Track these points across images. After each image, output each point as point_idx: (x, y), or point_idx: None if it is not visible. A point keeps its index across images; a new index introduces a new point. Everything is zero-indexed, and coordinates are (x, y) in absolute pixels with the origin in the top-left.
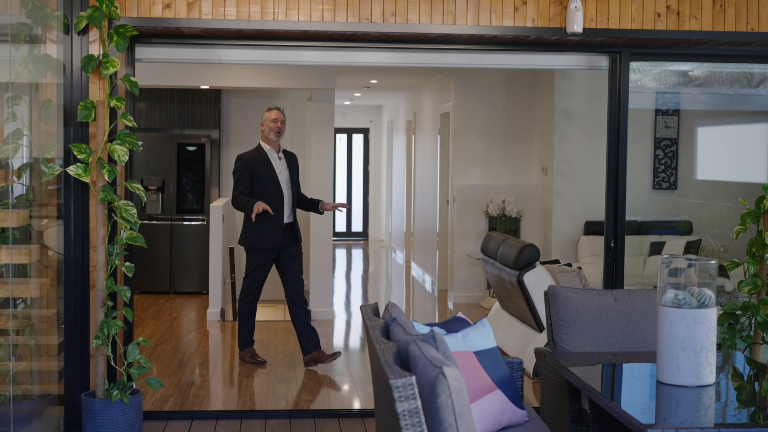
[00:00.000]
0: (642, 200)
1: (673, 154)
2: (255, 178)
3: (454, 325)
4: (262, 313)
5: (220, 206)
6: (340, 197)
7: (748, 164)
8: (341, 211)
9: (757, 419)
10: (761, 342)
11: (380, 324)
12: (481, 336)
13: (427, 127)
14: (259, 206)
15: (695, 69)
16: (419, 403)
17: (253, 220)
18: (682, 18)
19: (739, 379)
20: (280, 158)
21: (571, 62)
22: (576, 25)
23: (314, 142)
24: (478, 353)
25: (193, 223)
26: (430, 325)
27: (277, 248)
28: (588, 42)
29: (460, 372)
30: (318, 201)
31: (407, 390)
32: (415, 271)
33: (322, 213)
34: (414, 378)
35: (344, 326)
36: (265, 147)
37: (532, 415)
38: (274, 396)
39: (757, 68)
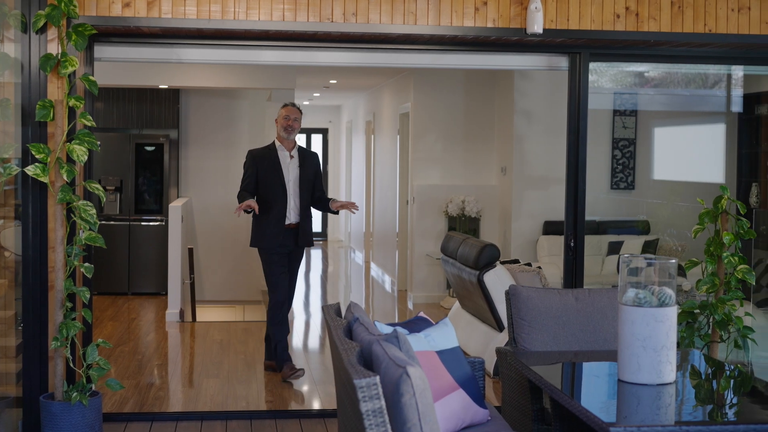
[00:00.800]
0: (600, 200)
1: (630, 155)
2: (260, 175)
3: (416, 324)
4: (221, 314)
5: (179, 206)
6: None
7: (704, 164)
8: (353, 212)
9: (715, 417)
10: (719, 340)
11: (343, 324)
12: (444, 336)
13: (386, 127)
14: (242, 205)
15: (651, 70)
16: (383, 402)
17: (238, 216)
18: (641, 19)
19: (697, 377)
20: (291, 156)
21: (532, 63)
22: (536, 25)
23: None
24: (440, 353)
25: (151, 223)
26: (392, 325)
27: (283, 249)
28: (548, 43)
29: (423, 372)
30: (330, 199)
31: (371, 390)
32: (375, 271)
33: (336, 212)
34: (378, 378)
35: (303, 326)
36: (277, 144)
37: (493, 414)
38: (235, 397)
39: (712, 69)
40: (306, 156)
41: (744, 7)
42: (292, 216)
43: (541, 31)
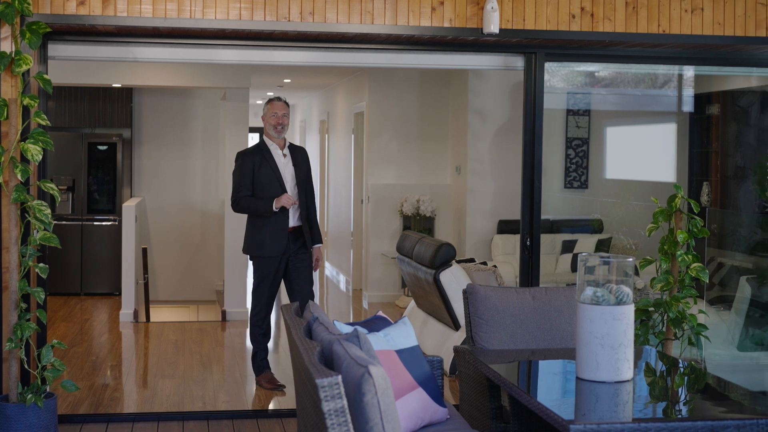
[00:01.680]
0: (554, 199)
1: (584, 154)
2: (256, 176)
3: (375, 324)
4: (175, 314)
5: (132, 206)
6: None
7: (656, 164)
8: (314, 269)
9: (671, 414)
10: (673, 338)
11: (302, 324)
12: (403, 335)
13: (340, 126)
14: (282, 201)
15: (601, 70)
16: (345, 402)
17: (288, 206)
18: (596, 19)
19: (652, 375)
20: (285, 155)
21: (488, 62)
22: (492, 25)
23: (228, 141)
24: (399, 352)
25: (104, 223)
26: (352, 324)
27: (284, 256)
28: (504, 42)
29: (385, 371)
30: (317, 240)
31: (333, 389)
32: (329, 270)
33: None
34: (340, 377)
35: None
36: (268, 142)
37: (452, 412)
38: (191, 397)
39: (662, 69)
40: (296, 152)
41: (697, 8)
42: (294, 218)
43: (497, 31)
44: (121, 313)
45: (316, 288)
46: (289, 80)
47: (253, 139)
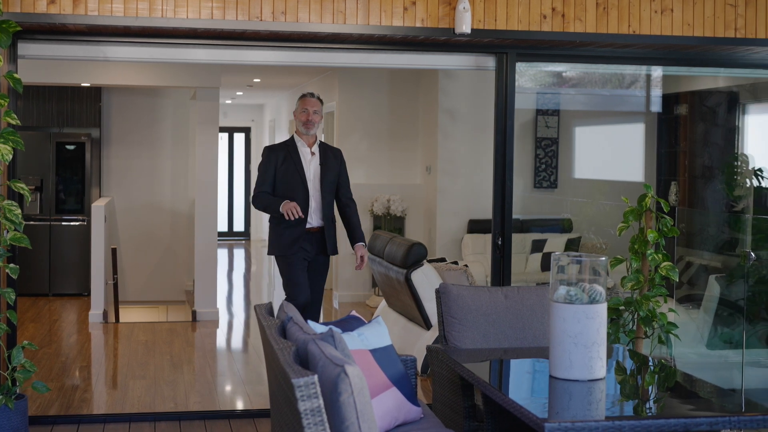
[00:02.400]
0: (524, 199)
1: (553, 154)
2: (278, 172)
3: (348, 323)
4: (145, 315)
5: (102, 206)
6: (222, 196)
7: (624, 163)
8: (358, 267)
9: (642, 411)
10: (644, 336)
11: (276, 323)
12: (377, 334)
13: None
14: (288, 206)
15: (569, 70)
16: (321, 401)
17: (286, 218)
18: (567, 20)
19: (624, 373)
20: (312, 153)
21: (459, 62)
22: (464, 25)
23: (198, 141)
24: (373, 351)
25: (72, 223)
26: (326, 323)
27: (305, 255)
28: (476, 43)
29: (361, 370)
30: (359, 239)
31: (309, 389)
32: None
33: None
34: (316, 377)
35: (226, 326)
36: (296, 138)
37: (426, 411)
38: (162, 398)
39: (629, 69)
40: (329, 152)
41: (667, 8)
42: (314, 219)
43: (469, 31)
44: (90, 313)
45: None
46: (258, 80)
47: (222, 139)
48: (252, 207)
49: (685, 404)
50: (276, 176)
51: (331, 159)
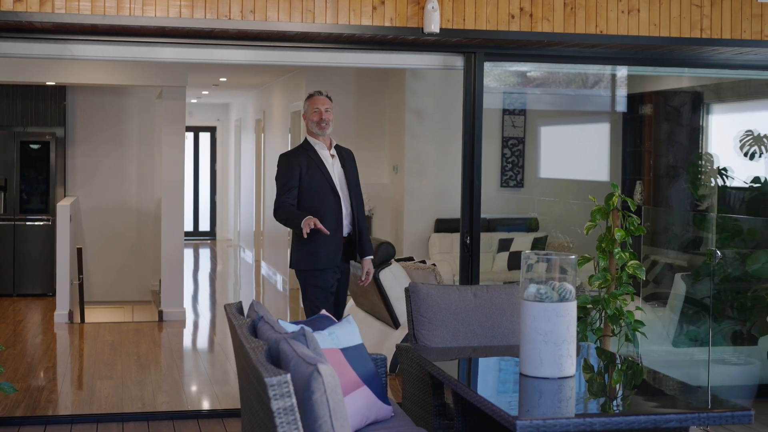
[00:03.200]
0: (490, 198)
1: (519, 153)
2: (304, 180)
3: (319, 322)
4: (111, 315)
5: (67, 206)
6: (188, 196)
7: (590, 163)
8: (363, 283)
9: (611, 409)
10: (611, 334)
11: (247, 323)
12: (347, 333)
13: (277, 125)
14: (309, 222)
15: (534, 70)
16: (294, 400)
17: (305, 236)
18: (534, 20)
19: (593, 371)
20: (332, 155)
21: (428, 62)
22: (433, 25)
23: (164, 140)
24: (344, 350)
25: (37, 223)
26: (296, 323)
27: (338, 267)
28: (444, 42)
29: (333, 369)
30: (368, 252)
31: (282, 388)
32: (266, 270)
33: (358, 261)
34: (289, 376)
35: (192, 326)
36: (312, 141)
37: (396, 410)
38: (130, 398)
39: (594, 69)
40: (344, 153)
41: (633, 9)
42: (346, 226)
43: (437, 30)
44: (55, 314)
45: (252, 288)
46: (225, 79)
47: (187, 139)
48: (261, 214)
49: (653, 401)
50: (301, 185)
51: (348, 159)
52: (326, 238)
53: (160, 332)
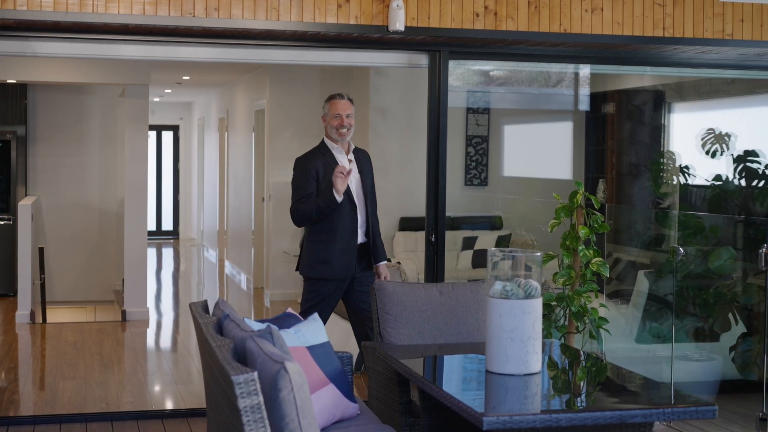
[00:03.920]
0: (454, 196)
1: (483, 152)
2: (319, 187)
3: (285, 321)
4: (73, 315)
5: (28, 205)
6: (151, 195)
7: (553, 161)
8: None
9: (577, 404)
10: (575, 331)
11: (213, 321)
12: (313, 331)
13: (240, 124)
14: (336, 175)
15: (497, 69)
16: (261, 398)
17: (342, 182)
18: (499, 18)
19: (558, 367)
20: (350, 160)
21: (392, 60)
22: (398, 23)
23: (127, 139)
24: (310, 348)
25: None
26: (262, 321)
27: (348, 278)
28: (409, 40)
29: (300, 367)
30: (382, 257)
31: (249, 386)
32: (229, 269)
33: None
34: (256, 374)
35: (156, 326)
36: (330, 144)
37: (363, 408)
38: (93, 399)
39: (556, 68)
40: (361, 157)
41: (597, 8)
42: (360, 235)
43: (402, 28)
44: (17, 314)
45: (215, 287)
46: (188, 77)
47: (149, 137)
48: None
49: (618, 397)
50: (318, 189)
51: (366, 164)
52: (340, 244)
53: (124, 332)
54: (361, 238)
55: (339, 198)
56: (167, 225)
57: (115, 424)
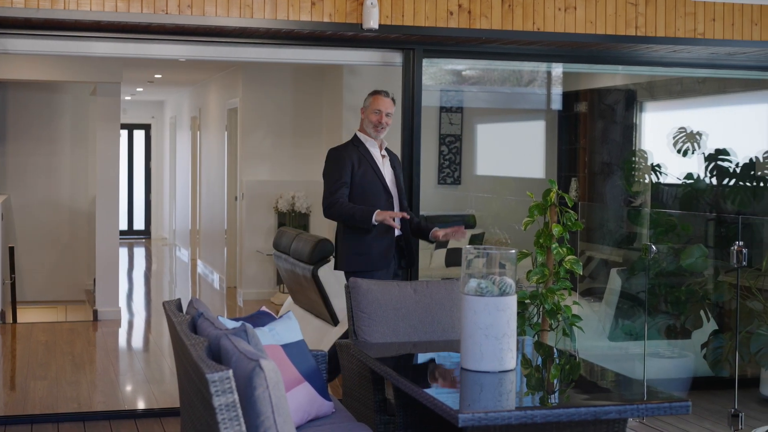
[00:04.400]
0: (427, 195)
1: (456, 150)
2: (356, 178)
3: (259, 319)
4: (44, 315)
5: None
6: (122, 194)
7: (526, 160)
8: (458, 239)
9: (552, 401)
10: (549, 329)
11: (187, 319)
12: (288, 329)
13: (213, 123)
14: (385, 215)
15: (469, 69)
16: (236, 396)
17: (376, 222)
18: (473, 17)
19: (531, 365)
20: (384, 156)
21: (366, 58)
22: (372, 21)
23: (99, 137)
24: (285, 346)
25: None
26: (236, 319)
27: (389, 272)
28: (383, 38)
29: (276, 365)
30: (428, 226)
31: (224, 384)
32: (202, 268)
33: (432, 242)
34: (231, 371)
35: (128, 326)
36: (363, 138)
37: (338, 406)
38: (65, 399)
39: (528, 66)
40: (393, 158)
41: (570, 6)
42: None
43: (376, 26)
44: None
45: (188, 286)
46: (160, 75)
47: (121, 136)
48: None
49: (592, 394)
50: (352, 182)
51: (397, 163)
52: (379, 237)
53: (95, 332)
54: (397, 231)
55: (375, 223)
56: (139, 224)
57: (88, 424)
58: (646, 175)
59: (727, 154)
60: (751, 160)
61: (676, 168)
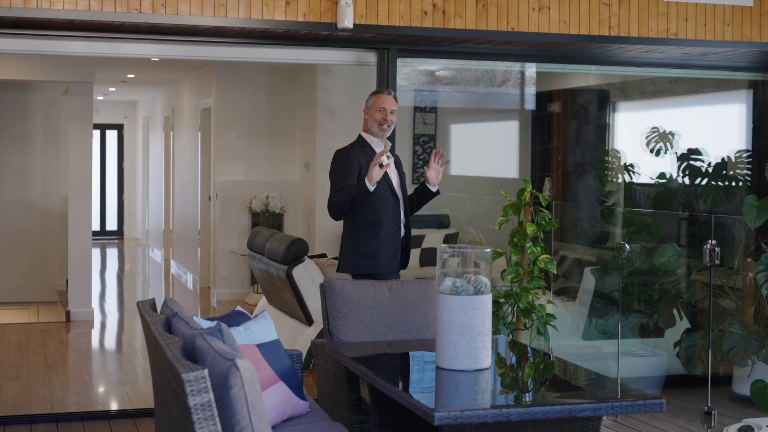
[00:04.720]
0: None
1: (431, 150)
2: (361, 179)
3: (234, 318)
4: (15, 316)
5: None
6: (95, 194)
7: (500, 160)
8: (444, 162)
9: (521, 400)
10: (523, 328)
11: (161, 319)
12: (263, 329)
13: (186, 123)
14: (374, 163)
15: (443, 69)
16: (212, 396)
17: (373, 184)
18: (447, 16)
19: (506, 363)
20: (389, 156)
21: (341, 57)
22: (347, 20)
23: (71, 137)
24: (260, 346)
25: None
26: (211, 319)
27: (395, 274)
28: (357, 38)
29: (251, 364)
30: (421, 185)
31: (199, 383)
32: (175, 269)
33: (437, 192)
34: (206, 371)
35: (99, 326)
36: (369, 138)
37: (313, 406)
38: (38, 400)
39: (501, 66)
40: (396, 156)
41: (544, 6)
42: (403, 229)
43: (351, 26)
44: None
45: (161, 287)
46: (133, 75)
47: (95, 137)
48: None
49: (566, 392)
50: (359, 181)
51: (399, 164)
52: (385, 240)
53: (68, 332)
54: (402, 232)
55: (371, 187)
56: (111, 225)
57: (61, 425)
58: (619, 175)
59: (700, 153)
60: (723, 159)
61: (648, 167)
